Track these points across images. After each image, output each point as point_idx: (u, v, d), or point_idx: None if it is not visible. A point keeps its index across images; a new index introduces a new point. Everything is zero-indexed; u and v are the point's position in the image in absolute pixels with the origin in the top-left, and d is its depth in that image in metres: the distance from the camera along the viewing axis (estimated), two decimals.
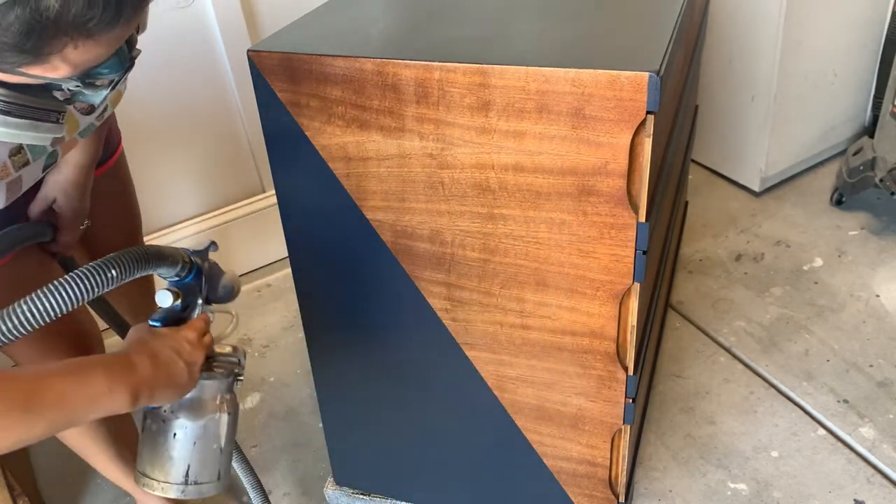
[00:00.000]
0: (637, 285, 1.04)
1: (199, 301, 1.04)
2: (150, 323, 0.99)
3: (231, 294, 1.09)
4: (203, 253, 1.06)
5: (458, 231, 1.09)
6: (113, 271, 0.86)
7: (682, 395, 1.72)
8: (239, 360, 1.09)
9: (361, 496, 1.50)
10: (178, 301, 1.01)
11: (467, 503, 1.43)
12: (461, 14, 1.14)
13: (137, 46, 0.81)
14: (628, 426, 1.19)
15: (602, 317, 1.08)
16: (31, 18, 0.63)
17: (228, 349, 1.09)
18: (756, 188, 2.39)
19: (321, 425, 1.45)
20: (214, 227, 2.15)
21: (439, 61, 0.96)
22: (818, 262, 2.10)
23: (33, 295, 0.80)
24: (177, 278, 1.02)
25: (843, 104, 2.44)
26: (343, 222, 1.15)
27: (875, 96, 2.48)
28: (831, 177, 2.42)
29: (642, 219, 0.98)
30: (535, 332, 1.14)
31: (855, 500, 1.46)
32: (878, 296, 1.96)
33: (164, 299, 1.00)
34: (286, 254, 1.24)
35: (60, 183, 1.13)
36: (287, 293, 2.16)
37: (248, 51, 1.06)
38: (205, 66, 1.98)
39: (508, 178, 1.01)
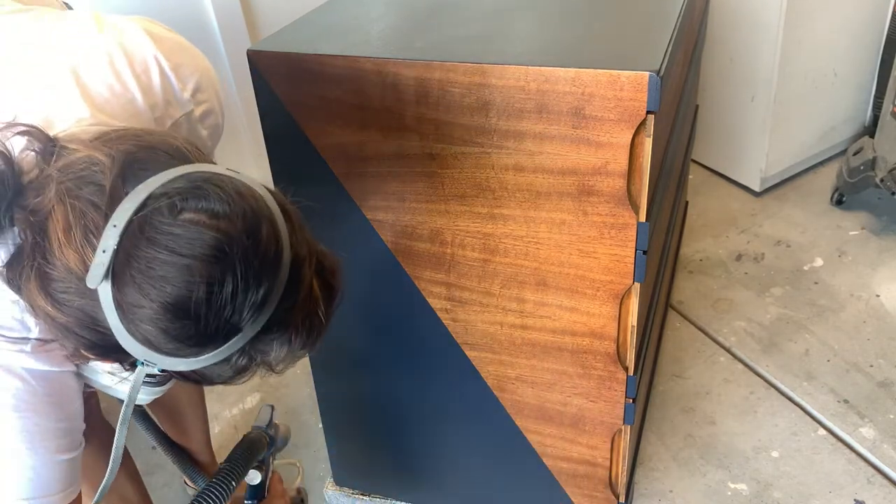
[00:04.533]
0: (637, 285, 1.03)
1: (270, 461, 1.17)
2: (246, 503, 1.12)
3: (286, 443, 1.22)
4: (273, 424, 1.17)
5: (458, 231, 1.09)
6: (233, 482, 1.01)
7: (682, 395, 1.72)
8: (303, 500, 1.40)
9: (361, 496, 1.50)
10: (263, 474, 1.12)
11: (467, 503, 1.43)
12: (461, 13, 1.14)
13: None
14: (628, 426, 1.18)
15: (602, 317, 1.08)
16: (249, 363, 0.67)
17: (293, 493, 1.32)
18: (756, 188, 2.38)
19: (321, 425, 1.45)
20: None
21: (439, 61, 0.96)
22: (818, 262, 2.10)
23: None
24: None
25: (844, 104, 2.44)
26: (343, 222, 1.15)
27: (875, 96, 2.48)
28: (831, 177, 2.42)
29: (642, 219, 0.98)
30: (536, 332, 1.14)
31: (855, 500, 1.46)
32: (878, 296, 1.96)
33: (255, 478, 1.10)
34: None
35: None
36: None
37: (248, 51, 1.05)
38: None
39: (508, 178, 1.01)
